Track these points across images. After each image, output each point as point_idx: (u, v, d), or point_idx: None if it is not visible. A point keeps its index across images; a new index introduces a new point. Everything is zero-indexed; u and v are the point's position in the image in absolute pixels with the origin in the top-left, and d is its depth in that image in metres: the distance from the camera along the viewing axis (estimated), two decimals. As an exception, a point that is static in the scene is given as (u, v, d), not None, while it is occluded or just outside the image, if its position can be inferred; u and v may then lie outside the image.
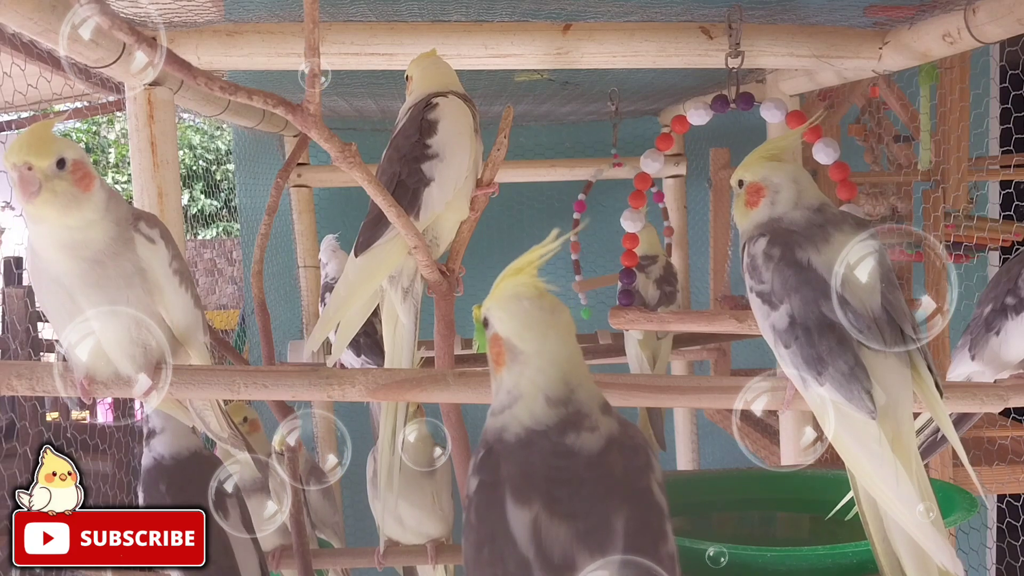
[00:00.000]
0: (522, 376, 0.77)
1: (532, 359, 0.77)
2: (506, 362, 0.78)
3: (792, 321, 1.01)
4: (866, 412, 0.97)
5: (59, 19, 1.18)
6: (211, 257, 6.83)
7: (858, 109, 2.56)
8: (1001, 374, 1.30)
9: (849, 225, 1.05)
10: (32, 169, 0.95)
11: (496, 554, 0.72)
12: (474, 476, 0.77)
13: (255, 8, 1.51)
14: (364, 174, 1.00)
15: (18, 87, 1.78)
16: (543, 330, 0.77)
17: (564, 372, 0.76)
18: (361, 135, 2.90)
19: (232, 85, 0.85)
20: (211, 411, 1.23)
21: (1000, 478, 2.12)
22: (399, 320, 1.30)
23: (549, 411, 0.75)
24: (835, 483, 1.31)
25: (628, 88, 2.30)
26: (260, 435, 1.91)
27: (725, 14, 1.55)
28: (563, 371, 0.76)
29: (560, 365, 0.76)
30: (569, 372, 0.77)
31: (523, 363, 0.77)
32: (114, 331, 1.04)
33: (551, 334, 0.77)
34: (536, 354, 0.77)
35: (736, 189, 1.13)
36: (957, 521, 1.31)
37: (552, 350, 0.77)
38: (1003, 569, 2.75)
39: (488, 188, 1.28)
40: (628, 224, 1.78)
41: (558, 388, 0.76)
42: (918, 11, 1.48)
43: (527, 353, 0.77)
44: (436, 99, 1.27)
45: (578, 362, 0.78)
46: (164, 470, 1.41)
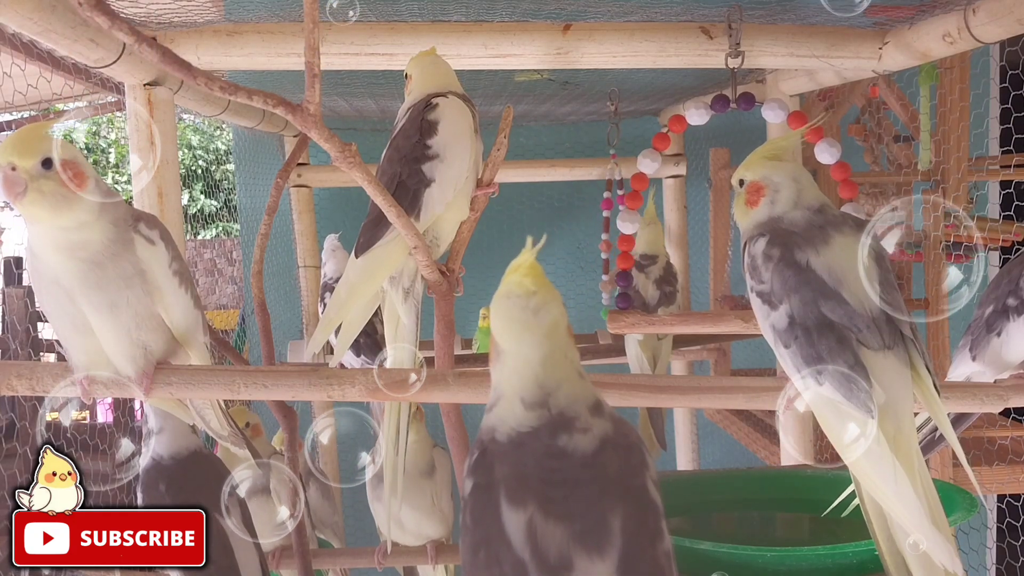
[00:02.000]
0: (502, 375, 0.77)
1: (508, 359, 0.76)
2: (494, 356, 0.78)
3: (792, 321, 1.01)
4: (865, 411, 0.97)
5: (59, 19, 1.18)
6: (211, 257, 6.83)
7: (858, 109, 2.56)
8: (1002, 375, 1.30)
9: (849, 227, 1.05)
10: (16, 169, 0.95)
11: (492, 557, 0.72)
12: (469, 478, 0.77)
13: (255, 8, 1.51)
14: (364, 174, 1.00)
15: (18, 87, 1.78)
16: (519, 331, 0.76)
17: (537, 375, 0.75)
18: (361, 135, 2.90)
19: (232, 85, 0.85)
20: (211, 410, 1.23)
21: (1000, 478, 2.12)
22: (400, 320, 1.30)
23: (528, 413, 0.75)
24: (835, 483, 1.31)
25: (628, 88, 2.29)
26: (262, 439, 1.91)
27: (725, 14, 1.55)
28: (536, 374, 0.75)
29: (533, 367, 0.75)
30: (544, 375, 0.75)
31: (503, 362, 0.77)
32: (113, 332, 1.04)
33: (526, 336, 0.75)
34: (512, 355, 0.76)
35: (737, 188, 1.13)
36: (957, 521, 1.31)
37: (526, 352, 0.75)
38: (1003, 569, 2.75)
39: (488, 188, 1.28)
40: (624, 225, 1.78)
41: (531, 391, 0.75)
42: (918, 11, 1.48)
43: (506, 352, 0.77)
44: (436, 99, 1.27)
45: (557, 364, 0.76)
46: (163, 470, 1.41)
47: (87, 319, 1.03)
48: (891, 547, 1.01)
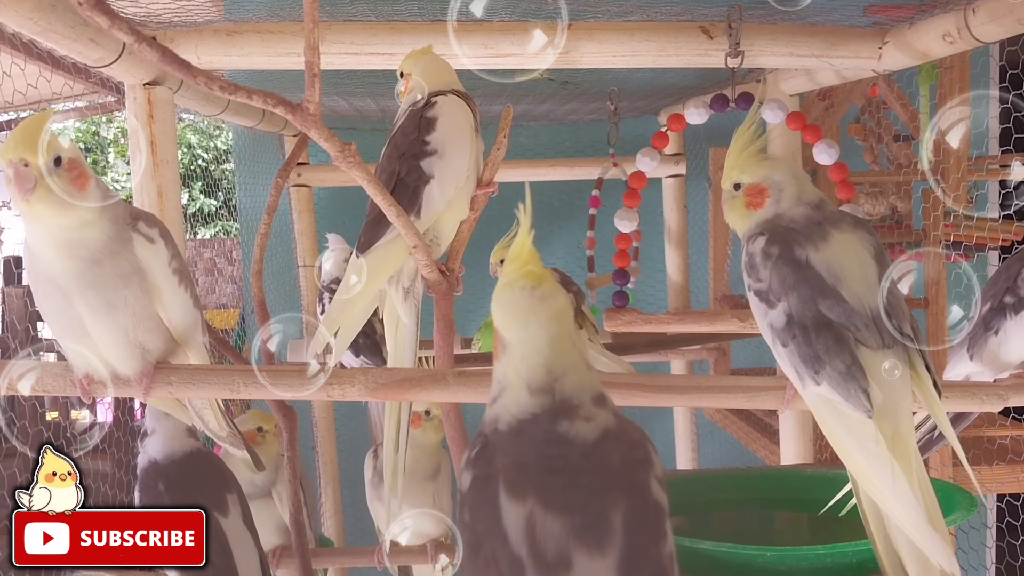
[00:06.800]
0: (508, 366, 0.76)
1: (515, 348, 0.76)
2: (498, 352, 0.78)
3: (790, 320, 1.01)
4: (863, 411, 0.97)
5: (59, 19, 1.18)
6: (211, 257, 6.82)
7: (858, 109, 2.56)
8: (1000, 375, 1.29)
9: (847, 223, 1.05)
10: (28, 166, 0.95)
11: (489, 553, 0.71)
12: (468, 470, 0.76)
13: (255, 8, 1.51)
14: (364, 174, 1.00)
15: (18, 87, 1.78)
16: (525, 318, 0.75)
17: (546, 359, 0.74)
18: (361, 135, 2.89)
19: (232, 85, 0.85)
20: (210, 410, 1.23)
21: (1000, 478, 2.12)
22: (400, 320, 1.30)
23: (532, 400, 0.74)
24: (835, 483, 1.31)
25: (628, 88, 2.29)
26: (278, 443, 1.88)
27: (725, 14, 1.55)
28: (544, 359, 0.74)
29: (541, 352, 0.74)
30: (552, 360, 0.75)
31: (509, 352, 0.76)
32: (111, 332, 1.03)
33: (533, 321, 0.75)
34: (518, 343, 0.75)
35: (731, 192, 1.12)
36: (957, 521, 1.31)
37: (533, 338, 0.75)
38: (1003, 569, 2.75)
39: (488, 188, 1.28)
40: (621, 224, 1.78)
41: (539, 376, 0.74)
42: (918, 11, 1.48)
43: (511, 343, 0.76)
44: (435, 97, 1.27)
45: (565, 350, 0.75)
46: (160, 470, 1.41)
47: (84, 320, 1.02)
48: (887, 547, 1.01)
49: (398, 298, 1.28)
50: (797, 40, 1.60)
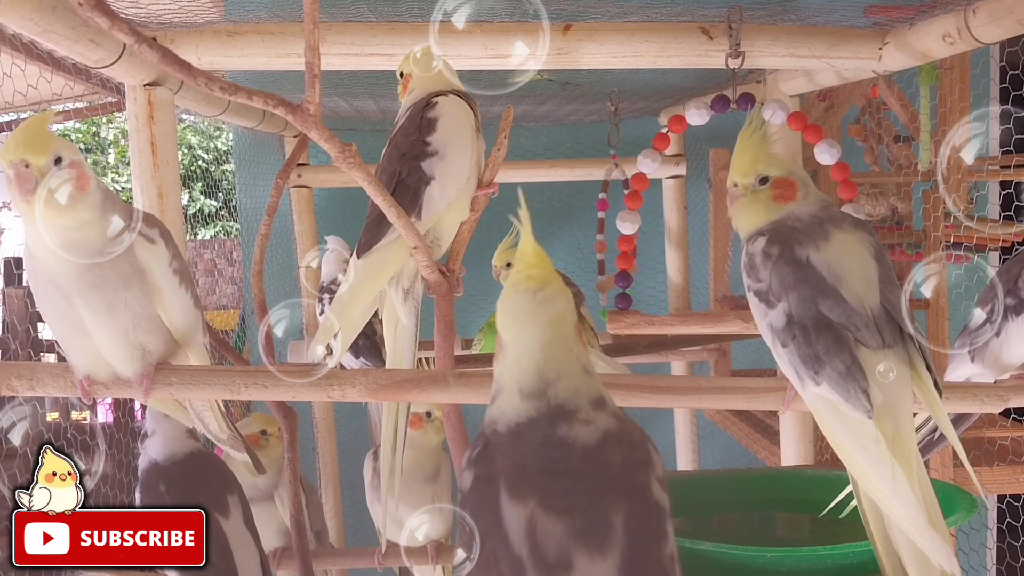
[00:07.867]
0: (504, 367, 0.76)
1: (510, 349, 0.75)
2: (498, 354, 0.77)
3: (789, 320, 1.01)
4: (863, 412, 0.97)
5: (59, 19, 1.18)
6: (211, 257, 6.82)
7: (858, 109, 2.56)
8: (1001, 376, 1.29)
9: (848, 224, 1.05)
10: (29, 167, 0.95)
11: (489, 554, 0.71)
12: (469, 470, 0.76)
13: (255, 8, 1.51)
14: (364, 174, 1.00)
15: (18, 87, 1.78)
16: (521, 320, 0.74)
17: (537, 364, 0.74)
18: (361, 135, 2.90)
19: (232, 85, 0.85)
20: (210, 412, 1.23)
21: (1000, 478, 2.12)
22: (400, 321, 1.29)
23: (525, 404, 0.73)
24: (835, 484, 1.31)
25: (628, 88, 2.29)
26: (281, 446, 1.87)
27: (725, 14, 1.55)
28: (536, 363, 0.74)
29: (534, 356, 0.74)
30: (544, 365, 0.74)
31: (505, 354, 0.76)
32: (111, 333, 1.03)
33: (529, 324, 0.74)
34: (512, 344, 0.75)
35: (754, 186, 1.09)
36: (957, 521, 1.31)
37: (527, 341, 0.74)
38: (1003, 569, 2.75)
39: (488, 188, 1.27)
40: (624, 225, 1.78)
41: (530, 380, 0.74)
42: (918, 11, 1.48)
43: (508, 344, 0.76)
44: (436, 98, 1.27)
45: (558, 356, 0.74)
46: (161, 471, 1.41)
47: (84, 321, 1.02)
48: (888, 547, 1.01)
49: (398, 299, 1.28)
50: (797, 41, 1.60)
